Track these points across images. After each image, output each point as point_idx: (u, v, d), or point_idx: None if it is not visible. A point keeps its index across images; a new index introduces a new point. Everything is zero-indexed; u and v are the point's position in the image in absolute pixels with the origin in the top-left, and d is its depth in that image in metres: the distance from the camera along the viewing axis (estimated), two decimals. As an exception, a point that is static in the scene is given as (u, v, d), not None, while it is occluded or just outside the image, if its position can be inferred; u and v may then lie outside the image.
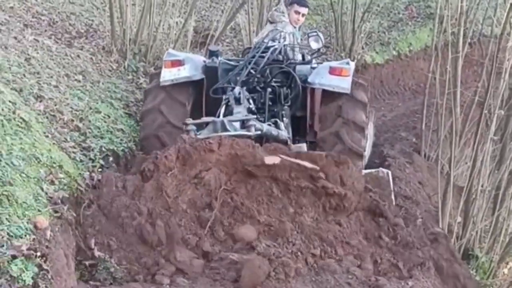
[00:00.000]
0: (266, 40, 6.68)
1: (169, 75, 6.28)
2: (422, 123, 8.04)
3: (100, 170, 5.33)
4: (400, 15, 13.72)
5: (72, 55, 7.47)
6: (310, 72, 6.40)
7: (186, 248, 4.38)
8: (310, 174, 4.78)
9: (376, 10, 12.34)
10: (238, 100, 5.71)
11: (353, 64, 6.51)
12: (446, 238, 5.25)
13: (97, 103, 6.58)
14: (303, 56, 7.01)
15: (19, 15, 8.07)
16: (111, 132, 6.18)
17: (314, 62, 6.70)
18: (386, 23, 13.28)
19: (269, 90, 6.25)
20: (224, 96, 5.96)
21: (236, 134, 5.03)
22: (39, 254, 3.54)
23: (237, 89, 5.87)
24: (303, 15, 7.39)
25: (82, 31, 8.69)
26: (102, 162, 5.50)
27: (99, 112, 6.38)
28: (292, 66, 6.46)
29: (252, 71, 6.27)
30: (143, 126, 6.34)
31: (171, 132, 6.07)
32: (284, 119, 6.14)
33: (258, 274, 4.04)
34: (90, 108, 6.33)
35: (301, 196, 4.79)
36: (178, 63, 6.34)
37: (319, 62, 6.76)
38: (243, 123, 5.25)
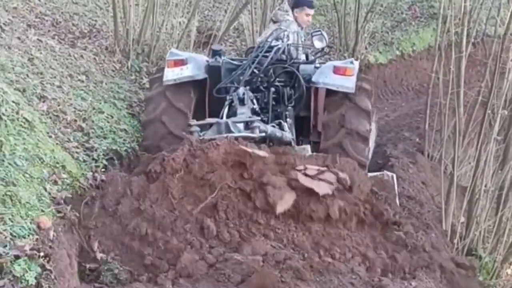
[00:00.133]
0: (269, 40, 6.65)
1: (171, 74, 6.26)
2: (426, 123, 8.03)
3: (103, 170, 5.33)
4: (404, 15, 13.72)
5: (75, 55, 7.47)
6: (314, 72, 6.37)
7: (190, 249, 4.35)
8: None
9: (379, 10, 12.33)
10: (242, 101, 5.70)
11: (357, 64, 6.49)
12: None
13: (100, 103, 6.58)
14: (307, 55, 7.00)
15: (22, 15, 8.08)
16: (114, 132, 6.19)
17: (317, 62, 6.69)
18: (390, 23, 13.27)
19: (272, 90, 6.21)
20: (227, 96, 5.95)
21: (240, 135, 5.00)
22: (42, 254, 3.54)
23: (241, 89, 5.85)
24: (311, 16, 7.44)
25: (85, 31, 8.70)
26: (105, 162, 5.50)
27: (102, 112, 6.38)
28: (296, 66, 6.43)
29: (255, 70, 6.24)
30: (145, 137, 6.34)
31: (173, 143, 6.06)
32: (288, 119, 6.12)
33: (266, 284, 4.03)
34: (93, 108, 6.33)
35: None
36: (180, 63, 6.32)
37: (322, 62, 6.75)
38: (247, 124, 5.23)
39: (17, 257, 3.43)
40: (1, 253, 3.40)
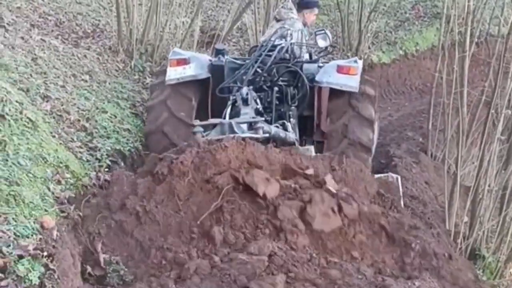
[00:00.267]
0: (273, 38, 6.63)
1: (174, 73, 6.24)
2: (429, 122, 8.01)
3: (106, 170, 5.34)
4: (407, 15, 13.70)
5: (78, 55, 7.49)
6: (317, 71, 6.36)
7: (194, 249, 4.34)
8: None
9: (383, 9, 12.33)
10: (245, 101, 5.68)
11: (361, 63, 6.46)
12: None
13: (103, 103, 6.59)
14: (310, 54, 6.98)
15: (26, 15, 8.10)
16: (118, 132, 6.19)
17: (320, 61, 6.67)
18: (393, 23, 13.26)
19: (276, 89, 6.20)
20: (231, 96, 5.94)
21: (244, 136, 4.98)
22: (45, 254, 3.53)
23: (244, 89, 5.83)
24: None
25: (89, 31, 8.71)
26: (108, 162, 5.51)
27: (106, 112, 6.39)
28: (299, 65, 6.42)
29: (258, 70, 6.22)
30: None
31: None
32: (291, 119, 6.11)
33: None
34: (97, 108, 6.34)
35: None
36: (183, 62, 6.31)
37: (325, 62, 6.73)
38: (251, 125, 5.21)
39: (20, 256, 3.43)
40: (4, 252, 3.40)
